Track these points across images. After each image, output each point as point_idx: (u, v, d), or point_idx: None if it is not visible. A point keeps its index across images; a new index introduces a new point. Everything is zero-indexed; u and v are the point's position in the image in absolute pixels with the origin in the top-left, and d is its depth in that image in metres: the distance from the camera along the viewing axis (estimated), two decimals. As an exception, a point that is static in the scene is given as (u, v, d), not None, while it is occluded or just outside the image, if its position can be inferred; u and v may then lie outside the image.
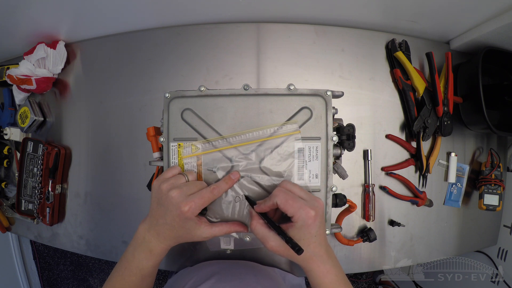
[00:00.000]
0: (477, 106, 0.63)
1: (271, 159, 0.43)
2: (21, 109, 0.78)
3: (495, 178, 0.72)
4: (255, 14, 0.70)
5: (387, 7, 0.65)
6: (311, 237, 0.35)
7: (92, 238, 0.76)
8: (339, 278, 0.38)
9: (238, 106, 0.44)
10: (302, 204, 0.35)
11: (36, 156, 0.75)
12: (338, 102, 0.47)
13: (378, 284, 1.43)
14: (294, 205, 0.35)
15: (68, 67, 0.78)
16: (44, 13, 0.67)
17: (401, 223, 0.70)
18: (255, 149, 0.44)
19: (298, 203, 0.35)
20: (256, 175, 0.43)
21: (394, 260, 0.71)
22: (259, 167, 0.44)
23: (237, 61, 0.71)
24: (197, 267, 0.61)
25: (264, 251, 0.69)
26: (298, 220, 0.34)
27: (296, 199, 0.35)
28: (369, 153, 0.69)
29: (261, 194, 0.44)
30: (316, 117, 0.44)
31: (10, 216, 0.84)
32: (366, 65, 0.71)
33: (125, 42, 0.75)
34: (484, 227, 0.77)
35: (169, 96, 0.44)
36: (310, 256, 0.36)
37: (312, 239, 0.36)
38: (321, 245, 0.37)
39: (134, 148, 0.73)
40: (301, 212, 0.34)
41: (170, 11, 0.68)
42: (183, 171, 0.44)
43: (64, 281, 1.54)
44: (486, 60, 0.64)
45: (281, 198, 0.35)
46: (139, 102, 0.73)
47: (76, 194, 0.77)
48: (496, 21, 0.61)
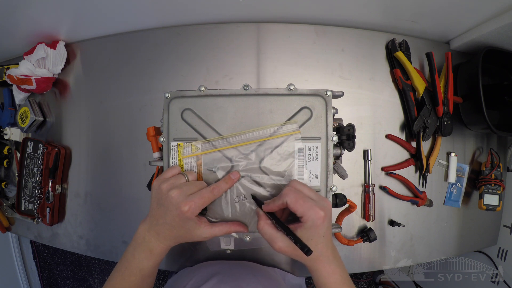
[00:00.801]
0: (477, 106, 0.63)
1: (271, 159, 0.43)
2: (21, 109, 0.78)
3: (495, 178, 0.72)
4: (255, 14, 0.70)
5: (387, 7, 0.65)
6: (319, 237, 0.36)
7: (92, 238, 0.76)
8: (344, 278, 0.38)
9: (238, 106, 0.44)
10: (312, 205, 0.34)
11: (36, 156, 0.75)
12: (338, 102, 0.47)
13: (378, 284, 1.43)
14: (304, 205, 0.34)
15: (68, 67, 0.78)
16: (44, 13, 0.67)
17: (401, 223, 0.70)
18: (255, 149, 0.44)
19: (308, 203, 0.35)
20: (256, 175, 0.43)
21: (394, 260, 0.71)
22: (259, 167, 0.44)
23: (237, 61, 0.71)
24: (197, 267, 0.61)
25: (264, 251, 0.69)
26: (307, 221, 0.34)
27: (306, 199, 0.35)
28: (369, 153, 0.69)
29: (261, 194, 0.44)
30: (316, 117, 0.44)
31: (10, 216, 0.84)
32: (366, 65, 0.71)
33: (125, 42, 0.75)
34: (484, 227, 0.77)
35: (169, 96, 0.44)
36: (317, 256, 0.36)
37: (320, 239, 0.36)
38: (328, 246, 0.37)
39: (134, 148, 0.73)
40: (311, 213, 0.34)
41: (170, 11, 0.68)
42: (183, 171, 0.44)
43: (64, 281, 1.54)
44: (486, 60, 0.64)
45: (291, 198, 0.35)
46: (139, 102, 0.73)
47: (76, 194, 0.77)
48: (496, 21, 0.61)
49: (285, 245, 0.36)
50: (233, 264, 0.61)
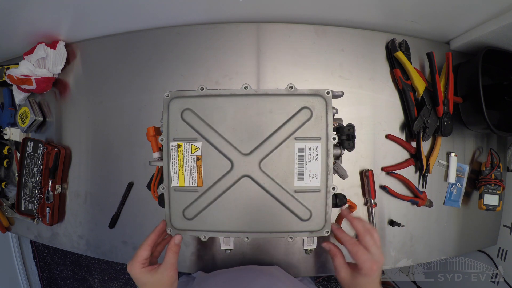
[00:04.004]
0: (477, 106, 0.63)
1: (271, 159, 0.43)
2: (21, 109, 0.78)
3: (495, 178, 0.72)
4: (255, 14, 0.70)
5: (387, 7, 0.65)
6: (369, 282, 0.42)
7: (92, 238, 0.76)
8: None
9: (238, 106, 0.44)
10: (369, 258, 0.41)
11: (36, 156, 0.75)
12: (338, 102, 0.47)
13: (378, 284, 1.42)
14: (361, 257, 0.41)
15: (68, 67, 0.78)
16: (44, 13, 0.67)
17: (401, 223, 0.69)
18: (255, 149, 0.44)
19: (366, 256, 0.41)
20: (256, 176, 0.43)
21: (394, 260, 0.71)
22: (259, 167, 0.44)
23: (237, 61, 0.71)
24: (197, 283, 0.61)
25: (264, 252, 0.69)
26: (362, 268, 0.41)
27: (365, 253, 0.41)
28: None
29: (261, 194, 0.44)
30: (316, 117, 0.44)
31: (10, 216, 0.84)
32: (366, 65, 0.71)
33: (125, 42, 0.75)
34: (484, 227, 0.77)
35: (169, 96, 0.44)
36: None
37: (370, 284, 0.42)
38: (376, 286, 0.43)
39: (134, 148, 0.73)
40: (367, 264, 0.41)
41: (170, 11, 0.68)
42: (183, 170, 0.44)
43: (64, 281, 1.54)
44: (486, 60, 0.64)
45: (349, 249, 0.42)
46: (139, 102, 0.73)
47: (76, 194, 0.77)
48: (496, 22, 0.61)
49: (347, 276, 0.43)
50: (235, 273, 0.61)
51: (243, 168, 0.44)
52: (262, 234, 0.44)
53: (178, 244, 0.44)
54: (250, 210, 0.44)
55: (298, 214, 0.44)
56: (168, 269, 0.42)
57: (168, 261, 0.43)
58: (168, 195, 0.44)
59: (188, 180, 0.44)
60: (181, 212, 0.44)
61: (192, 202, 0.44)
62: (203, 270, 0.69)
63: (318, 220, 0.44)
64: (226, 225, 0.44)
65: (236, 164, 0.44)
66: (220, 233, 0.45)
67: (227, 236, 0.46)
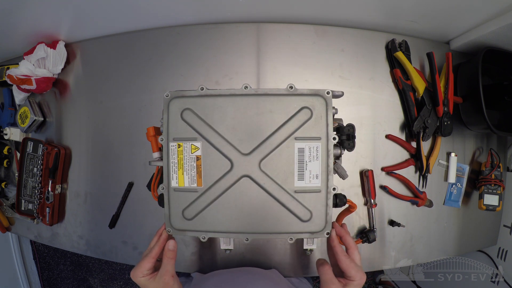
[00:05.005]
0: (477, 106, 0.63)
1: (271, 159, 0.43)
2: (21, 109, 0.78)
3: (495, 178, 0.72)
4: (255, 14, 0.70)
5: (387, 7, 0.65)
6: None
7: (92, 238, 0.76)
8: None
9: (238, 106, 0.44)
10: (360, 269, 0.42)
11: (36, 156, 0.75)
12: (338, 102, 0.47)
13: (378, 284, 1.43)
14: (354, 268, 0.42)
15: (68, 67, 0.78)
16: (44, 13, 0.67)
17: (401, 223, 0.69)
18: (255, 149, 0.44)
19: (357, 268, 0.42)
20: (255, 176, 0.43)
21: (394, 260, 0.71)
22: (259, 167, 0.44)
23: (237, 61, 0.71)
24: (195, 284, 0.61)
25: (263, 253, 0.69)
26: (355, 280, 0.42)
27: (357, 265, 0.43)
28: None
29: (261, 194, 0.43)
30: (316, 117, 0.44)
31: (10, 216, 0.84)
32: (366, 65, 0.71)
33: (125, 42, 0.75)
34: (484, 227, 0.77)
35: (169, 96, 0.44)
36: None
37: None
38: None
39: (134, 148, 0.73)
40: (359, 275, 0.42)
41: (170, 11, 0.68)
42: (183, 170, 0.44)
43: (64, 281, 1.54)
44: (486, 60, 0.64)
45: (343, 260, 0.43)
46: (139, 102, 0.73)
47: (76, 194, 0.77)
48: (496, 22, 0.61)
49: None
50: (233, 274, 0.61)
51: (243, 168, 0.44)
52: (262, 235, 0.44)
53: (172, 250, 0.43)
54: (250, 210, 0.44)
55: (298, 215, 0.44)
56: (164, 276, 0.42)
57: (163, 268, 0.43)
58: (168, 195, 0.44)
59: (188, 180, 0.44)
60: (180, 212, 0.44)
61: (192, 202, 0.44)
62: (203, 270, 0.69)
63: (318, 221, 0.44)
64: (225, 225, 0.44)
65: (236, 164, 0.44)
66: (220, 233, 0.45)
67: (226, 236, 0.45)
